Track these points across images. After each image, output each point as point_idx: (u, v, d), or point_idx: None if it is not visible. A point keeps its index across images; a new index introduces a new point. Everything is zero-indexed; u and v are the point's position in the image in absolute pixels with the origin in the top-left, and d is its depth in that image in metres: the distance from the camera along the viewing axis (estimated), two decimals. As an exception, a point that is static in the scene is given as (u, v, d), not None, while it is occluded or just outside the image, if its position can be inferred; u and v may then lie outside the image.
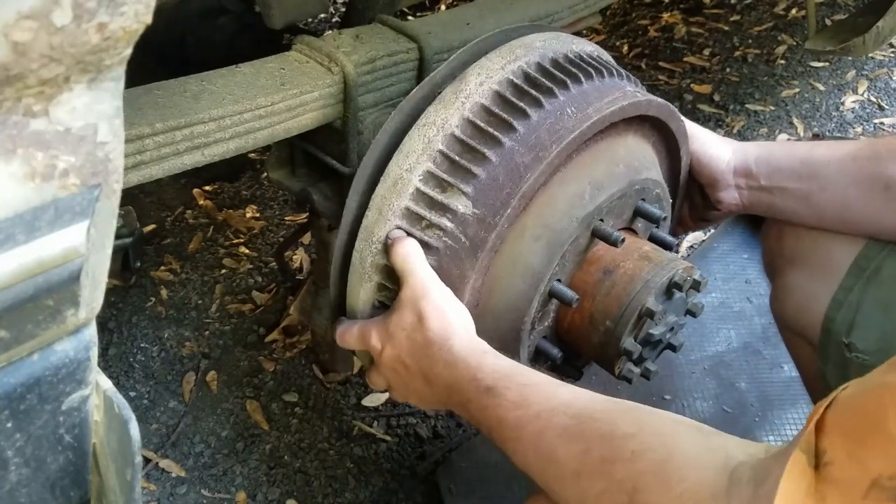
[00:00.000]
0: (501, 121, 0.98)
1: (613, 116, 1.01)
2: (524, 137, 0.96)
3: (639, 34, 3.09)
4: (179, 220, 2.25)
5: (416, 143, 0.98)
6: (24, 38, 0.38)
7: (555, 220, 1.00)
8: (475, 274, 0.98)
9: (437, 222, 0.97)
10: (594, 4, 1.55)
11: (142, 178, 1.00)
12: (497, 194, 0.96)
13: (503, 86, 1.00)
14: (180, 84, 1.08)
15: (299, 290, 1.69)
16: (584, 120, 0.98)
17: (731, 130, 2.51)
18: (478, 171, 0.96)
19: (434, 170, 0.97)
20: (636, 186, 1.07)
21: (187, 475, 1.62)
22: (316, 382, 1.79)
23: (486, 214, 0.96)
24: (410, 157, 0.98)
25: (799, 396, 1.73)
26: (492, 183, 0.96)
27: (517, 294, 1.01)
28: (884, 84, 2.72)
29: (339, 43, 1.20)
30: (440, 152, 0.97)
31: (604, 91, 1.03)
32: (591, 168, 1.03)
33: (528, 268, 1.00)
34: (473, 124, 0.98)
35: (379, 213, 0.99)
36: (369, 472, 1.62)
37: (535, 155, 0.96)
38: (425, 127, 0.99)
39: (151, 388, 1.79)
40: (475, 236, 0.96)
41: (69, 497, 0.66)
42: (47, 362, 0.55)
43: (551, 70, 1.02)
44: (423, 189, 0.97)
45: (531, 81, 1.00)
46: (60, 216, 0.47)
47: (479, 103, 0.99)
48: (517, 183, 0.95)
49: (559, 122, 0.97)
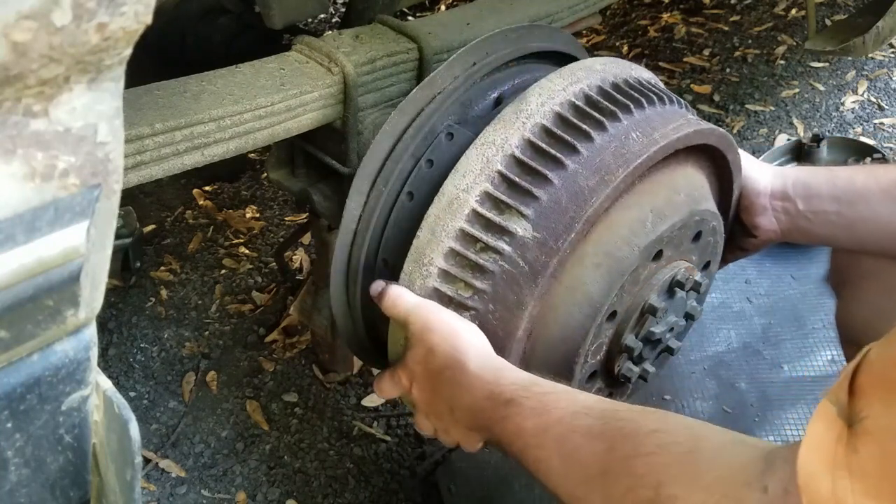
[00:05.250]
0: (564, 143, 0.94)
1: (679, 143, 0.98)
2: (588, 160, 0.93)
3: (639, 34, 3.09)
4: (179, 220, 2.25)
5: (474, 163, 0.95)
6: (24, 38, 0.38)
7: (616, 247, 0.96)
8: (533, 301, 0.94)
9: (494, 245, 0.93)
10: (594, 4, 1.55)
11: (142, 178, 1.00)
12: (559, 218, 0.92)
13: (565, 107, 0.96)
14: (180, 84, 1.08)
15: (299, 291, 1.69)
16: (650, 145, 0.95)
17: (731, 131, 2.51)
18: (539, 193, 0.92)
19: (492, 191, 0.93)
20: (696, 217, 1.04)
21: (187, 475, 1.62)
22: (316, 382, 1.79)
23: (547, 238, 0.92)
24: (467, 176, 0.94)
25: (799, 396, 1.73)
26: (554, 206, 0.92)
27: (573, 324, 0.98)
28: (884, 84, 2.72)
29: (339, 43, 1.20)
30: (499, 173, 0.93)
31: (667, 117, 1.00)
32: (652, 195, 1.00)
33: (586, 296, 0.96)
34: (534, 145, 0.94)
35: (432, 233, 0.95)
36: (369, 472, 1.62)
37: (601, 178, 0.92)
38: (484, 146, 0.95)
39: (151, 388, 1.79)
40: (535, 261, 0.92)
41: (69, 497, 0.66)
42: (47, 362, 0.55)
43: (613, 94, 0.99)
44: (480, 210, 0.93)
45: (593, 104, 0.97)
46: (60, 216, 0.47)
47: (541, 124, 0.95)
48: (581, 207, 0.91)
49: (625, 146, 0.94)
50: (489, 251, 0.93)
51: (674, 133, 0.97)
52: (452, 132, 1.08)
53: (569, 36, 1.31)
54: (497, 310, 0.95)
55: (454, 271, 0.95)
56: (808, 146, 2.19)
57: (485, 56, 1.15)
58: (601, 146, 0.94)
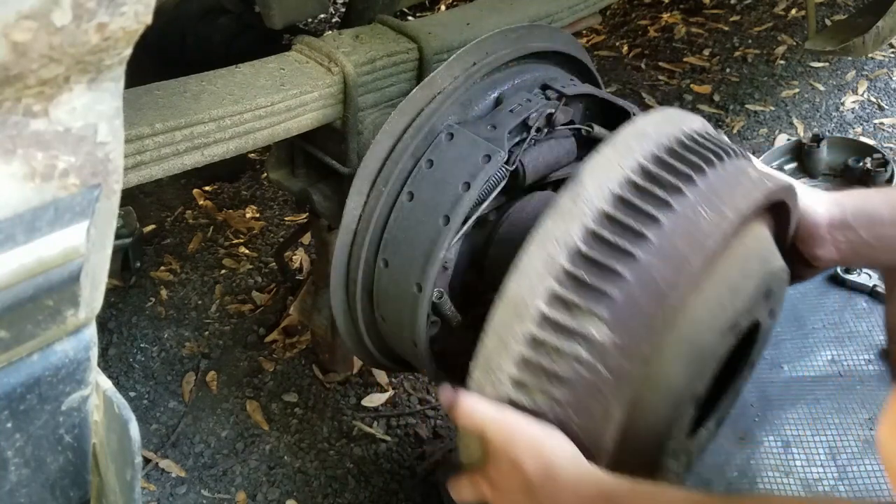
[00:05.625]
0: (630, 230, 0.86)
1: (750, 213, 0.90)
2: (659, 248, 0.85)
3: (639, 34, 3.09)
4: (179, 220, 2.25)
5: (536, 261, 0.87)
6: (24, 38, 0.38)
7: (698, 335, 0.89)
8: (620, 409, 0.85)
9: (569, 350, 0.85)
10: (594, 4, 1.55)
11: (142, 178, 1.00)
12: (638, 318, 0.83)
13: (623, 187, 0.88)
14: (180, 84, 1.08)
15: (299, 290, 1.69)
16: (722, 222, 0.86)
17: (731, 131, 2.51)
18: (612, 290, 0.84)
19: (559, 291, 0.85)
20: (768, 279, 0.97)
21: (187, 475, 1.62)
22: (316, 382, 1.79)
23: (627, 341, 0.83)
24: (531, 276, 0.87)
25: (799, 396, 1.73)
26: (630, 305, 0.84)
27: (658, 419, 0.90)
28: (884, 84, 2.72)
29: (339, 43, 1.21)
30: (564, 270, 0.86)
31: (729, 180, 0.92)
32: (727, 270, 0.91)
33: (670, 390, 0.89)
34: (599, 236, 0.86)
35: (499, 339, 0.88)
36: (369, 472, 1.62)
37: (676, 269, 0.84)
38: (544, 242, 0.87)
39: (151, 388, 1.79)
40: (618, 367, 0.84)
41: (69, 497, 0.66)
42: (47, 362, 0.55)
43: (671, 162, 0.91)
44: (549, 313, 0.85)
45: (653, 179, 0.89)
46: (60, 216, 0.47)
47: (601, 210, 0.87)
48: (659, 302, 0.83)
49: (695, 226, 0.86)
50: (564, 357, 0.85)
51: (743, 202, 0.89)
52: (452, 132, 1.08)
53: (569, 36, 1.31)
54: (581, 419, 0.87)
55: (528, 380, 0.88)
56: (808, 146, 2.19)
57: (485, 56, 1.15)
58: (670, 230, 0.86)
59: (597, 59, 2.95)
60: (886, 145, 2.42)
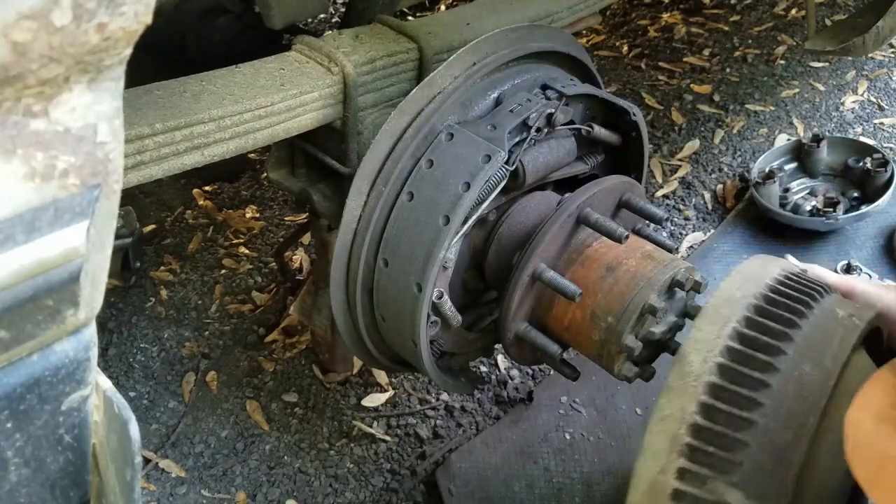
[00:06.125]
0: (743, 398, 0.90)
1: (847, 356, 0.94)
2: (775, 412, 0.89)
3: (639, 34, 3.09)
4: (179, 220, 2.25)
5: (660, 441, 0.90)
6: (24, 38, 0.38)
7: (825, 481, 0.93)
8: None
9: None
10: (594, 4, 1.55)
11: (142, 178, 1.00)
12: (769, 482, 0.87)
13: (726, 356, 0.92)
14: (180, 84, 1.08)
15: (299, 290, 1.69)
16: (828, 378, 0.90)
17: (731, 131, 2.51)
18: (739, 457, 0.88)
19: (689, 466, 0.89)
20: None
21: (187, 475, 1.62)
22: (316, 382, 1.79)
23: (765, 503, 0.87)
24: (659, 457, 0.90)
25: None
26: (759, 469, 0.88)
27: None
28: (884, 84, 2.72)
29: (338, 43, 1.21)
30: (689, 446, 0.89)
31: (822, 328, 0.95)
32: (838, 412, 0.93)
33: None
34: (714, 408, 0.90)
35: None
36: (369, 472, 1.62)
37: (795, 431, 0.88)
38: (663, 422, 0.91)
39: (151, 388, 1.79)
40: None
41: (69, 497, 0.66)
42: (47, 362, 0.55)
43: (765, 323, 0.94)
44: (684, 489, 0.88)
45: (752, 343, 0.93)
46: (60, 216, 0.47)
47: (711, 382, 0.91)
48: (787, 466, 0.87)
49: (803, 385, 0.90)
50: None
51: (842, 350, 0.93)
52: (452, 132, 1.08)
53: (569, 36, 1.31)
54: None
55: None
56: (808, 146, 2.20)
57: (485, 56, 1.15)
58: (780, 392, 0.90)
59: (597, 59, 2.95)
60: (886, 145, 2.42)
